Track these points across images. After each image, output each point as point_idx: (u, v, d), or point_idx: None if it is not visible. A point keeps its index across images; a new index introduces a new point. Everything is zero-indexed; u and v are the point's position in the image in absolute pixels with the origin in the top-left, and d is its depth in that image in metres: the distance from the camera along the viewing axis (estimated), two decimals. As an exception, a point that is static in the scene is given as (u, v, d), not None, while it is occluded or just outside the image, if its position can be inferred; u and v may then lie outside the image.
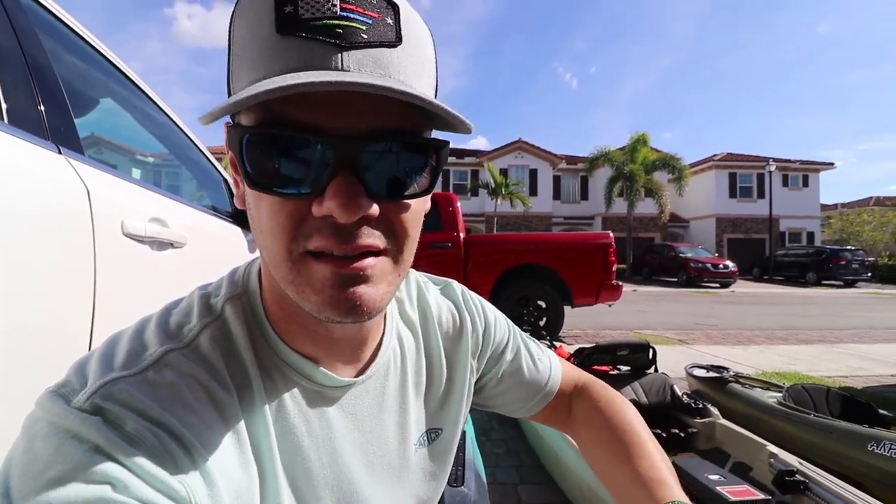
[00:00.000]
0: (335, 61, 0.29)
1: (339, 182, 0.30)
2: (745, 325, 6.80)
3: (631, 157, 17.78)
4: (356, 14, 0.30)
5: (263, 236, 0.33)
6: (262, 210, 0.33)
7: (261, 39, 0.30)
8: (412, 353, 0.51)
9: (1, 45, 0.82)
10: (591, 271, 4.89)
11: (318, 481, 0.40)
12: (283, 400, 0.39)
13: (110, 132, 1.96)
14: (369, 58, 0.30)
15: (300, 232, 0.32)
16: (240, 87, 0.31)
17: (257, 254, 0.43)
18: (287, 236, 0.32)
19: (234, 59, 0.33)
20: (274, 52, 0.29)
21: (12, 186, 0.73)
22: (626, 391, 2.19)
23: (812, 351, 4.89)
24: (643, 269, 18.27)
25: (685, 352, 4.69)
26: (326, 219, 0.31)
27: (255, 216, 0.35)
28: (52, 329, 0.79)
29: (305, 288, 0.33)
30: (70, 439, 0.27)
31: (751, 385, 2.55)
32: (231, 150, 0.34)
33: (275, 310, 0.40)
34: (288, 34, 0.29)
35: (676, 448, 1.95)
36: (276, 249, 0.32)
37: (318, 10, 0.29)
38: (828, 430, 1.89)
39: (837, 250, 17.10)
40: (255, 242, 0.36)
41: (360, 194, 0.30)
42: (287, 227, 0.32)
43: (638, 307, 8.99)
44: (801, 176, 23.56)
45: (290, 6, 0.29)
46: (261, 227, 0.33)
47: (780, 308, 9.45)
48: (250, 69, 0.31)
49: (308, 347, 0.40)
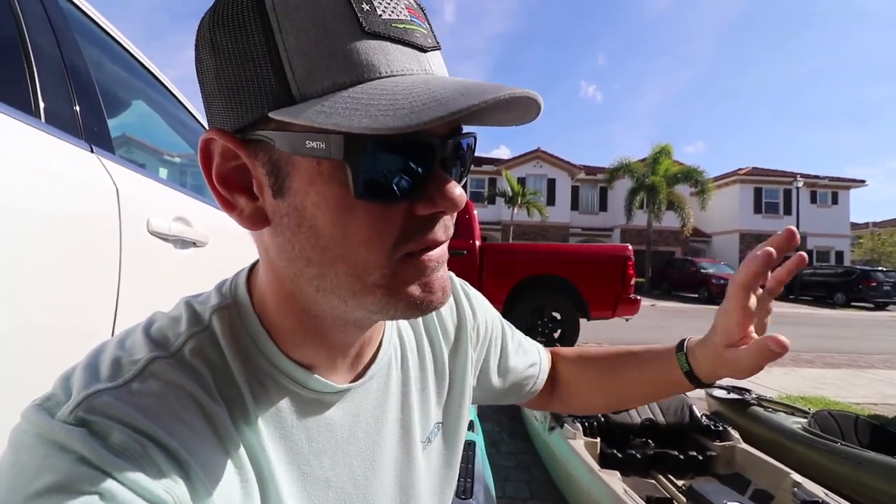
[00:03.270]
0: (424, 64, 0.31)
1: (442, 179, 0.32)
2: (768, 346, 6.56)
3: (652, 169, 17.50)
4: (416, 19, 0.31)
5: (349, 248, 0.31)
6: (357, 220, 0.31)
7: (341, 37, 0.28)
8: (413, 349, 0.51)
9: (41, 48, 0.85)
10: (609, 284, 4.80)
11: (323, 487, 0.40)
12: (278, 409, 0.38)
13: (140, 132, 2.02)
14: (437, 60, 0.32)
15: (402, 235, 0.32)
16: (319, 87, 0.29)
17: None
18: (390, 241, 0.32)
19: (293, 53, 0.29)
20: (367, 52, 0.29)
21: (47, 182, 0.76)
22: (642, 410, 2.13)
23: (840, 375, 4.70)
24: (662, 284, 17.90)
25: (704, 370, 4.55)
26: (424, 217, 0.32)
27: (331, 230, 0.31)
28: (77, 324, 0.81)
29: (398, 288, 0.33)
30: (56, 451, 0.27)
31: (774, 409, 2.46)
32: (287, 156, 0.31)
33: (280, 320, 0.39)
34: (375, 34, 0.29)
35: (694, 471, 1.88)
36: (370, 258, 0.32)
37: (394, 13, 0.30)
38: (856, 461, 1.80)
39: (869, 271, 16.44)
40: (316, 260, 0.33)
41: (458, 186, 0.33)
42: (391, 233, 0.32)
43: (657, 322, 8.79)
44: (830, 193, 22.83)
45: (366, 4, 0.29)
46: (346, 238, 0.31)
47: (807, 329, 9.11)
48: (333, 68, 0.28)
49: (311, 354, 0.39)
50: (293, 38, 0.28)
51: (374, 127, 0.26)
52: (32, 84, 0.81)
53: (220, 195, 0.34)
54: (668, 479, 1.81)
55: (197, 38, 0.32)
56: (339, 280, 0.33)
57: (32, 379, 0.70)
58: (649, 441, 2.03)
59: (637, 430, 2.07)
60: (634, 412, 2.11)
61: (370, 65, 0.28)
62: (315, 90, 0.29)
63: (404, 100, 0.27)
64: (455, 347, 0.55)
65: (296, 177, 0.31)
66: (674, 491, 1.73)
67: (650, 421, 2.08)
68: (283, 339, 0.39)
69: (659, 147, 17.78)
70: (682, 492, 1.67)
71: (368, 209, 0.30)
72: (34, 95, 0.81)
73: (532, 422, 2.40)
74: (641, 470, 1.88)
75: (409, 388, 0.49)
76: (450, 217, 0.35)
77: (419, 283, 0.34)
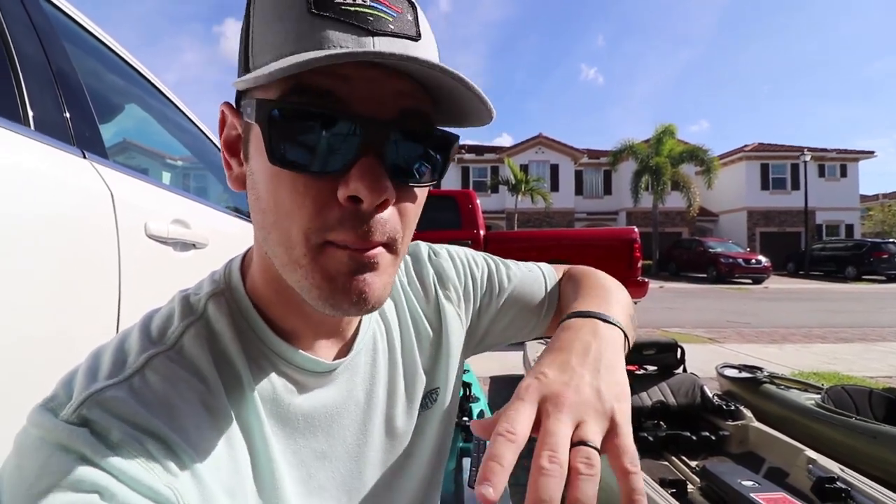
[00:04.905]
0: (367, 44, 0.30)
1: (365, 163, 0.30)
2: (779, 323, 6.51)
3: (656, 150, 17.27)
4: (382, 6, 0.31)
5: (279, 217, 0.32)
6: (281, 190, 0.32)
7: (290, 17, 0.30)
8: (395, 321, 0.51)
9: (26, 54, 0.84)
10: (616, 268, 4.78)
11: (320, 464, 0.41)
12: (275, 389, 0.39)
13: (141, 137, 2.02)
14: (397, 45, 0.31)
15: (323, 221, 0.31)
16: (264, 60, 0.31)
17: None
18: (308, 220, 0.31)
19: (256, 37, 0.32)
20: (305, 30, 0.30)
21: (39, 190, 0.75)
22: (653, 392, 2.13)
23: (852, 350, 4.65)
24: (670, 265, 17.78)
25: (716, 351, 4.54)
26: (347, 206, 0.31)
27: (265, 196, 0.33)
28: (80, 329, 0.81)
29: (316, 273, 0.32)
30: (57, 451, 0.27)
31: (787, 386, 2.44)
32: (238, 128, 0.37)
33: (268, 294, 0.39)
34: (320, 14, 0.30)
35: (707, 451, 1.88)
36: (293, 231, 0.32)
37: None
38: (871, 435, 1.79)
39: (879, 243, 16.19)
40: (259, 223, 0.35)
41: (384, 177, 0.31)
42: (310, 210, 0.31)
43: (665, 304, 8.75)
44: (838, 166, 22.45)
45: None
46: (275, 207, 0.32)
47: (818, 304, 9.03)
48: (277, 46, 0.31)
49: (295, 327, 0.40)
50: (257, 20, 0.32)
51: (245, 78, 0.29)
52: (20, 92, 0.80)
53: (224, 159, 0.39)
54: (681, 461, 1.81)
55: None
56: (276, 249, 0.34)
57: (35, 390, 0.70)
58: (661, 423, 2.02)
59: (648, 413, 2.06)
60: (645, 395, 2.10)
61: (304, 41, 0.30)
62: (260, 62, 0.31)
63: (295, 60, 0.27)
64: (434, 311, 0.55)
65: (251, 143, 0.34)
66: (687, 472, 1.72)
67: (661, 403, 2.08)
68: (270, 313, 0.40)
69: (663, 127, 17.52)
70: (696, 472, 1.66)
71: (292, 180, 0.31)
72: (21, 103, 0.80)
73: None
74: (654, 452, 1.88)
75: (396, 359, 0.50)
76: (386, 214, 0.32)
77: (337, 279, 0.32)
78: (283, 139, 0.30)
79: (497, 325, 0.61)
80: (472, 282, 0.59)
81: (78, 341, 0.81)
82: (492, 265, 0.62)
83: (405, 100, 0.32)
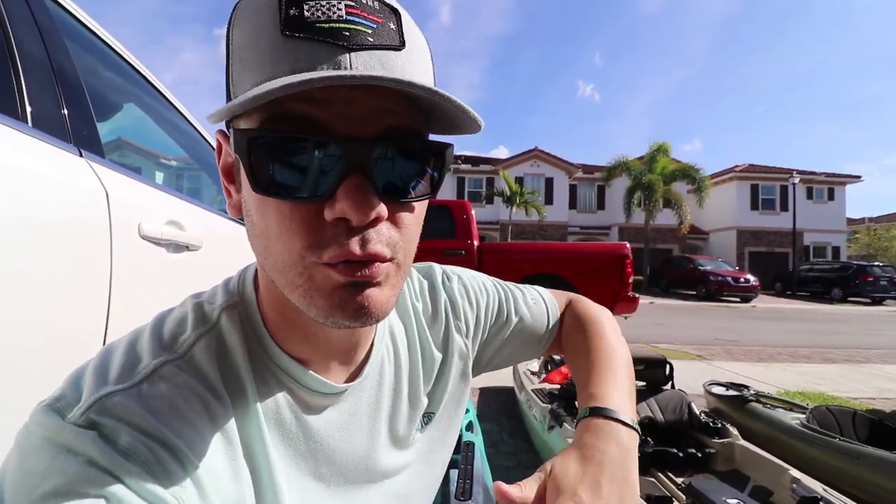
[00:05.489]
0: (343, 62, 0.29)
1: (350, 183, 0.30)
2: (766, 342, 6.58)
3: (650, 167, 17.50)
4: (361, 18, 0.30)
5: (270, 241, 0.32)
6: (269, 216, 0.32)
7: (265, 42, 0.29)
8: (404, 345, 0.51)
9: (28, 51, 0.84)
10: (607, 282, 4.81)
11: (319, 484, 0.41)
12: (279, 407, 0.39)
13: (136, 136, 2.01)
14: (376, 59, 0.30)
15: (315, 241, 0.31)
16: (242, 89, 0.31)
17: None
18: (300, 242, 0.31)
19: (235, 63, 0.32)
20: (280, 53, 0.29)
21: (35, 187, 0.75)
22: (641, 408, 2.13)
23: (838, 371, 4.70)
24: (661, 282, 17.91)
25: (704, 368, 4.56)
26: (338, 225, 0.31)
27: (257, 222, 0.33)
28: (68, 329, 0.80)
29: (314, 293, 0.32)
30: (64, 453, 0.27)
31: (772, 405, 2.46)
32: (231, 156, 0.35)
33: (272, 315, 0.39)
34: (294, 36, 0.29)
35: (693, 468, 1.88)
36: (285, 255, 0.32)
37: (324, 14, 0.29)
38: (855, 456, 1.80)
39: (865, 266, 16.47)
40: (257, 249, 0.35)
41: (371, 195, 0.30)
42: (300, 233, 0.31)
43: (655, 320, 8.80)
44: (826, 189, 22.88)
45: (296, 9, 0.29)
46: (266, 232, 0.32)
47: (804, 325, 9.14)
48: (254, 71, 0.30)
49: (305, 352, 0.40)
50: (236, 47, 0.32)
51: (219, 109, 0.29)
52: (19, 88, 0.80)
53: (224, 185, 0.38)
54: (668, 477, 1.81)
55: None
56: (273, 273, 0.34)
57: (21, 389, 0.69)
58: (648, 439, 2.03)
59: (636, 429, 2.07)
60: (633, 410, 2.11)
61: (279, 65, 0.29)
62: (239, 91, 0.31)
63: (269, 87, 0.26)
64: (442, 338, 0.54)
65: (241, 171, 0.33)
66: (673, 489, 1.72)
67: (649, 419, 2.08)
68: (278, 334, 0.40)
69: (656, 145, 17.77)
70: (682, 489, 1.66)
71: (277, 206, 0.31)
72: (21, 99, 0.80)
73: (531, 421, 2.39)
74: (641, 468, 1.88)
75: (401, 384, 0.49)
76: (381, 228, 0.32)
77: (335, 296, 0.32)
78: (264, 168, 0.30)
79: (498, 355, 0.62)
80: (483, 314, 0.58)
81: (65, 342, 0.80)
82: (502, 295, 0.61)
83: (388, 117, 0.31)
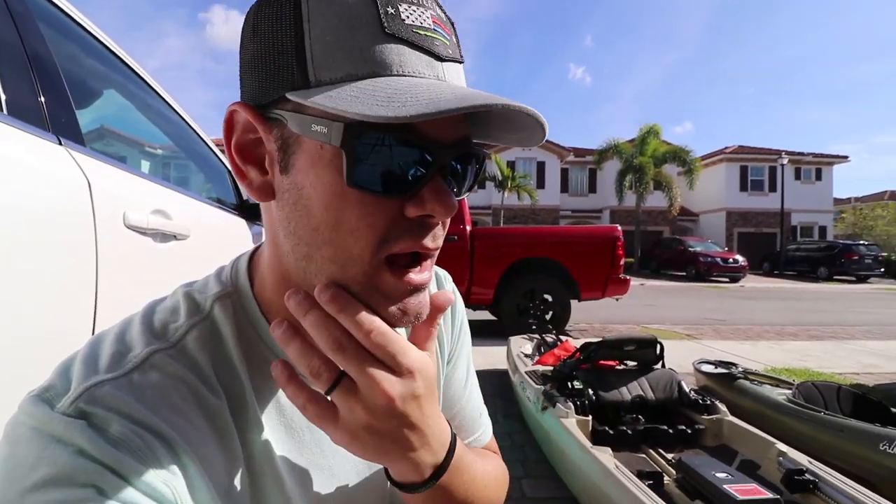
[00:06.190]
0: (438, 71, 0.32)
1: (437, 185, 0.32)
2: (754, 321, 6.72)
3: (641, 150, 17.51)
4: (441, 30, 0.33)
5: (339, 234, 0.32)
6: (347, 209, 0.31)
7: (362, 34, 0.30)
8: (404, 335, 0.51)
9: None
10: (599, 265, 4.85)
11: (326, 475, 0.41)
12: (278, 398, 0.39)
13: (119, 124, 1.96)
14: (454, 71, 0.33)
15: (388, 235, 0.32)
16: (333, 75, 0.30)
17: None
18: (377, 236, 0.32)
19: (318, 44, 0.30)
20: (384, 53, 0.30)
21: (12, 177, 0.72)
22: (632, 387, 2.17)
23: (823, 347, 4.82)
24: (651, 263, 18.12)
25: (693, 347, 4.65)
26: (415, 221, 0.33)
27: (322, 213, 0.32)
28: (55, 321, 0.79)
29: (375, 294, 0.33)
30: (54, 443, 0.27)
31: (760, 382, 2.52)
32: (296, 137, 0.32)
33: (277, 301, 0.38)
34: (395, 36, 0.30)
35: (683, 444, 1.93)
36: (355, 249, 0.32)
37: (418, 20, 0.31)
38: (839, 429, 1.86)
39: (850, 245, 16.81)
40: (305, 239, 0.33)
41: (451, 195, 0.33)
42: (379, 228, 0.32)
43: (646, 301, 8.92)
44: (813, 169, 23.15)
45: (392, 8, 0.30)
46: (336, 224, 0.32)
47: (791, 303, 9.32)
48: (350, 61, 0.30)
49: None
50: (318, 29, 0.30)
51: (366, 114, 0.27)
52: (-9, 74, 0.77)
53: (234, 164, 0.36)
54: (658, 453, 1.85)
55: (245, 17, 0.35)
56: (323, 264, 0.33)
57: (9, 380, 0.68)
58: (640, 417, 2.07)
59: (627, 407, 2.10)
60: (625, 390, 2.15)
61: (383, 62, 0.30)
62: (329, 78, 0.30)
63: (402, 96, 0.28)
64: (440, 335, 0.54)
65: (300, 156, 0.32)
66: (663, 464, 1.77)
67: (640, 398, 2.12)
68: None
69: (647, 127, 17.76)
70: (672, 465, 1.71)
71: (360, 199, 0.31)
72: (-7, 86, 0.77)
73: (525, 402, 2.43)
74: (632, 445, 1.92)
75: None
76: (441, 227, 0.35)
77: (395, 302, 0.34)
78: (364, 163, 0.30)
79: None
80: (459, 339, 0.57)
81: (52, 334, 0.78)
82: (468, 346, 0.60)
83: (462, 127, 0.34)
